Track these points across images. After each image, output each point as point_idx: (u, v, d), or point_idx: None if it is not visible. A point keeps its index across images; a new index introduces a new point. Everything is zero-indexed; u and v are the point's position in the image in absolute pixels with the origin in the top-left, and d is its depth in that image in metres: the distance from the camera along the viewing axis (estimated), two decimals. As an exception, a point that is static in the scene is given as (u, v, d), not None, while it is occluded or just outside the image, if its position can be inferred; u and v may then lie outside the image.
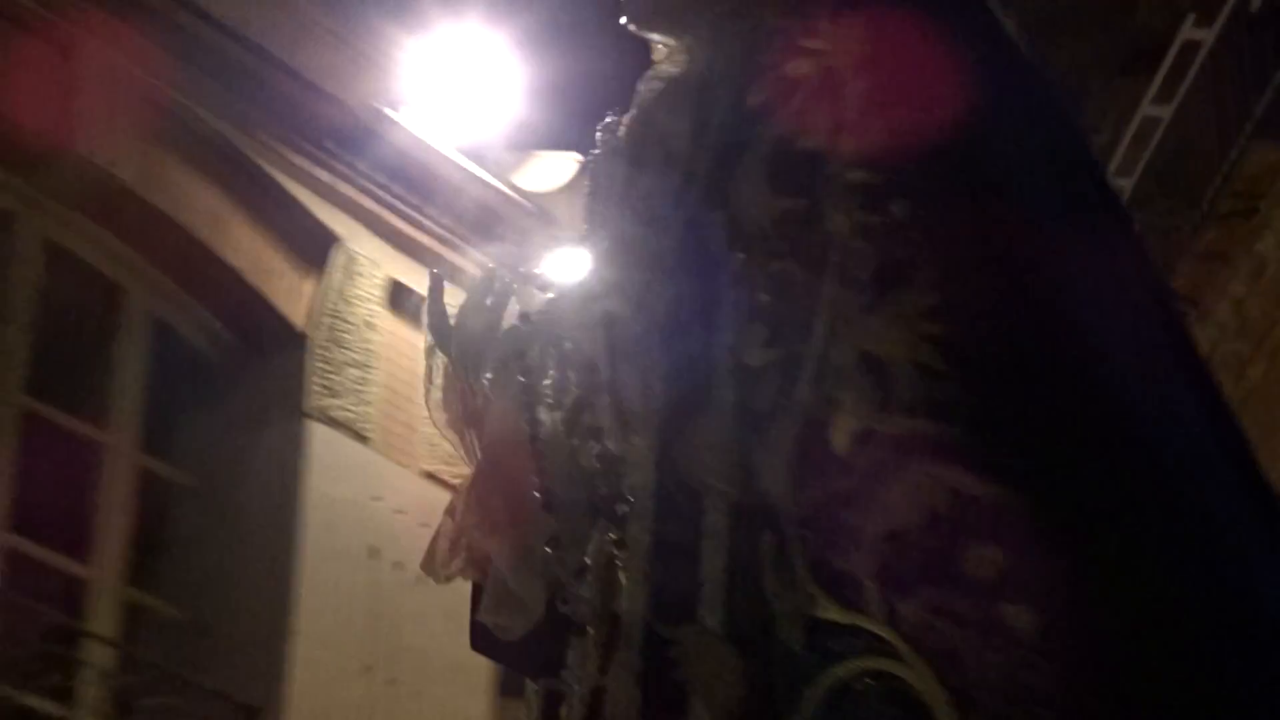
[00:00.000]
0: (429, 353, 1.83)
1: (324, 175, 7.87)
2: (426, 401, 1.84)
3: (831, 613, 1.27)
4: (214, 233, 7.11)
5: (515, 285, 1.82)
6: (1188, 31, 9.79)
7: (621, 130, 1.75)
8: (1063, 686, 1.21)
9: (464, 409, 1.77)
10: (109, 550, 6.40)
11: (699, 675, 1.40)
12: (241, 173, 7.31)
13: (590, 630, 1.49)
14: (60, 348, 6.59)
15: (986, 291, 1.40)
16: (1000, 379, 1.35)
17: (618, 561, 1.50)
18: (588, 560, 1.54)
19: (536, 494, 1.68)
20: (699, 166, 1.61)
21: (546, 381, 1.69)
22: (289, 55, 7.12)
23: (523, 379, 1.73)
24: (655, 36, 1.78)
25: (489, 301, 1.80)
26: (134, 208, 6.59)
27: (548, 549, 1.65)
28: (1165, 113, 10.20)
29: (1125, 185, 10.61)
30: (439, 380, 1.80)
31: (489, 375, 1.79)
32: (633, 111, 1.75)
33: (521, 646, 1.64)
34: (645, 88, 1.77)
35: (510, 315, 1.78)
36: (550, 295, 1.80)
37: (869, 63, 1.51)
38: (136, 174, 6.38)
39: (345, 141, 7.67)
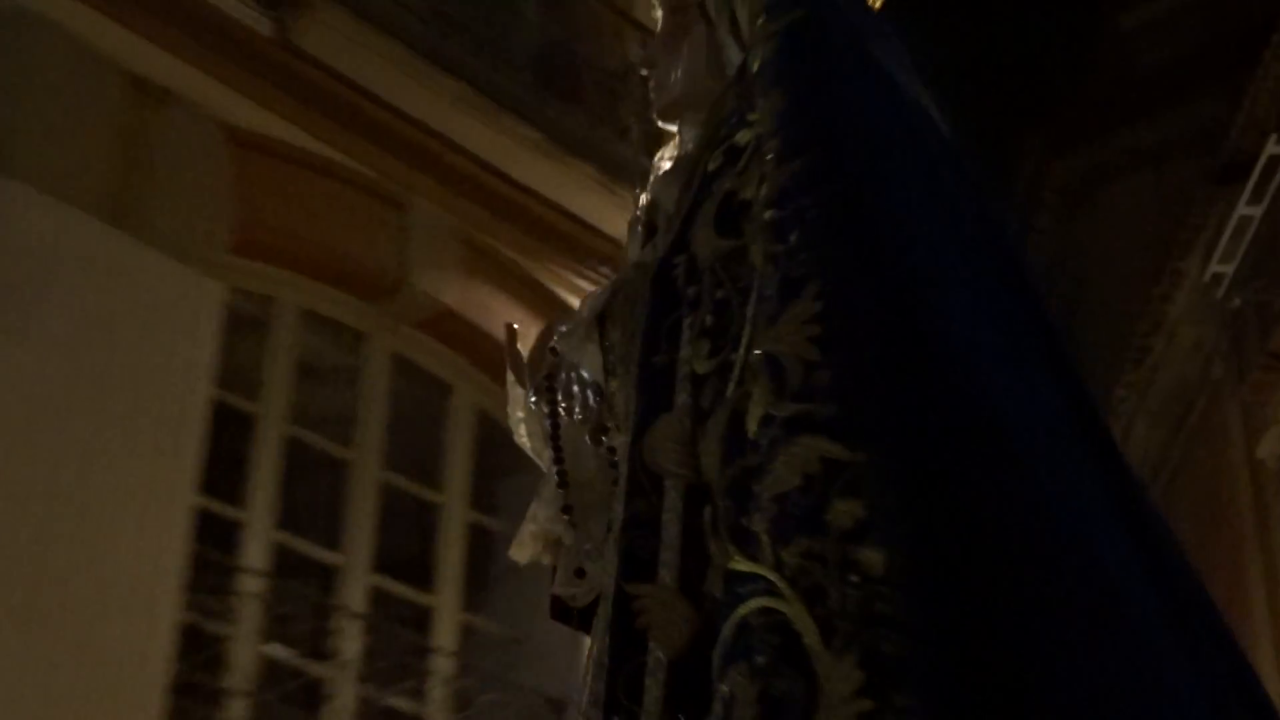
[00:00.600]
0: (510, 386, 2.11)
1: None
2: (512, 426, 2.13)
3: (740, 564, 1.41)
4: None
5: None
6: (1271, 148, 10.58)
7: (640, 205, 2.09)
8: (906, 613, 1.36)
9: (540, 430, 2.05)
10: (449, 583, 7.53)
11: (657, 622, 1.58)
12: (537, 293, 8.09)
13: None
14: (405, 434, 7.61)
15: (857, 300, 1.59)
16: (864, 368, 1.53)
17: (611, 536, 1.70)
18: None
19: (555, 474, 1.99)
20: (676, 222, 1.89)
21: (574, 395, 2.04)
22: (569, 202, 8.08)
23: (548, 395, 2.04)
24: (668, 127, 2.11)
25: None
26: (457, 324, 7.67)
27: (564, 518, 1.97)
28: (1257, 212, 10.85)
29: (1228, 270, 11.24)
30: (519, 412, 2.11)
31: (532, 397, 2.06)
32: (648, 189, 2.09)
33: (587, 613, 1.86)
34: (655, 170, 2.11)
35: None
36: (565, 328, 2.07)
37: (782, 127, 1.77)
38: (458, 298, 7.43)
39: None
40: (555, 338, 2.10)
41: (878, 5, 2.37)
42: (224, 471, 7.38)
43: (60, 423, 6.66)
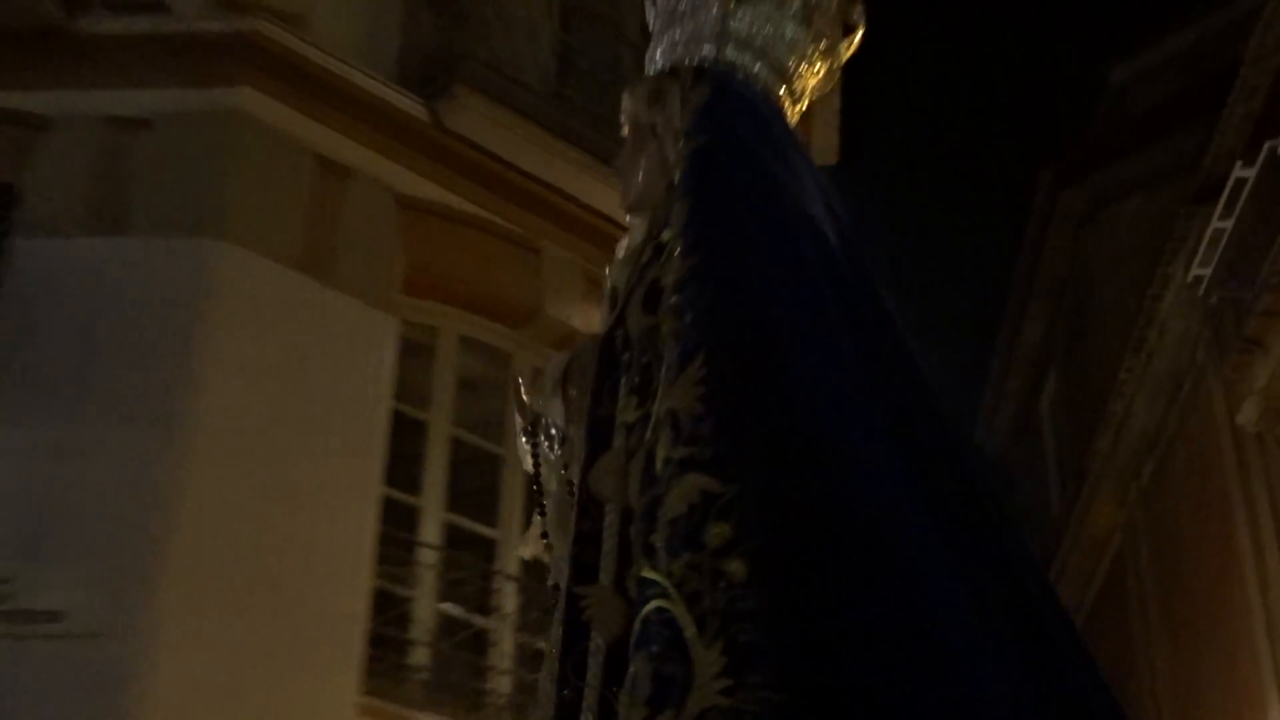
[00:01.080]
0: (518, 428, 2.21)
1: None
2: (521, 457, 2.21)
3: (647, 572, 1.49)
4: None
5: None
6: (1237, 172, 10.88)
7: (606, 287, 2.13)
8: (760, 610, 1.46)
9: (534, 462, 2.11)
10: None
11: (598, 616, 1.68)
12: None
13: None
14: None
15: (732, 366, 1.69)
16: (736, 419, 1.63)
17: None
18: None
19: (540, 502, 2.08)
20: (620, 301, 1.99)
21: (553, 436, 2.11)
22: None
23: (532, 439, 2.14)
24: (633, 219, 2.18)
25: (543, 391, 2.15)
26: (583, 343, 8.28)
27: (543, 542, 2.06)
28: (1228, 224, 11.10)
29: (1206, 272, 11.54)
30: (522, 443, 2.19)
31: (521, 438, 2.15)
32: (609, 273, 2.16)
33: None
34: (615, 256, 2.16)
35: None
36: (539, 382, 2.15)
37: (684, 230, 1.89)
38: (582, 322, 7.84)
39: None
40: (531, 394, 2.17)
41: (835, 159, 2.42)
42: (403, 467, 7.71)
43: (273, 433, 7.05)
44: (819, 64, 2.44)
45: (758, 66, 2.31)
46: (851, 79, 9.16)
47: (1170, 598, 13.53)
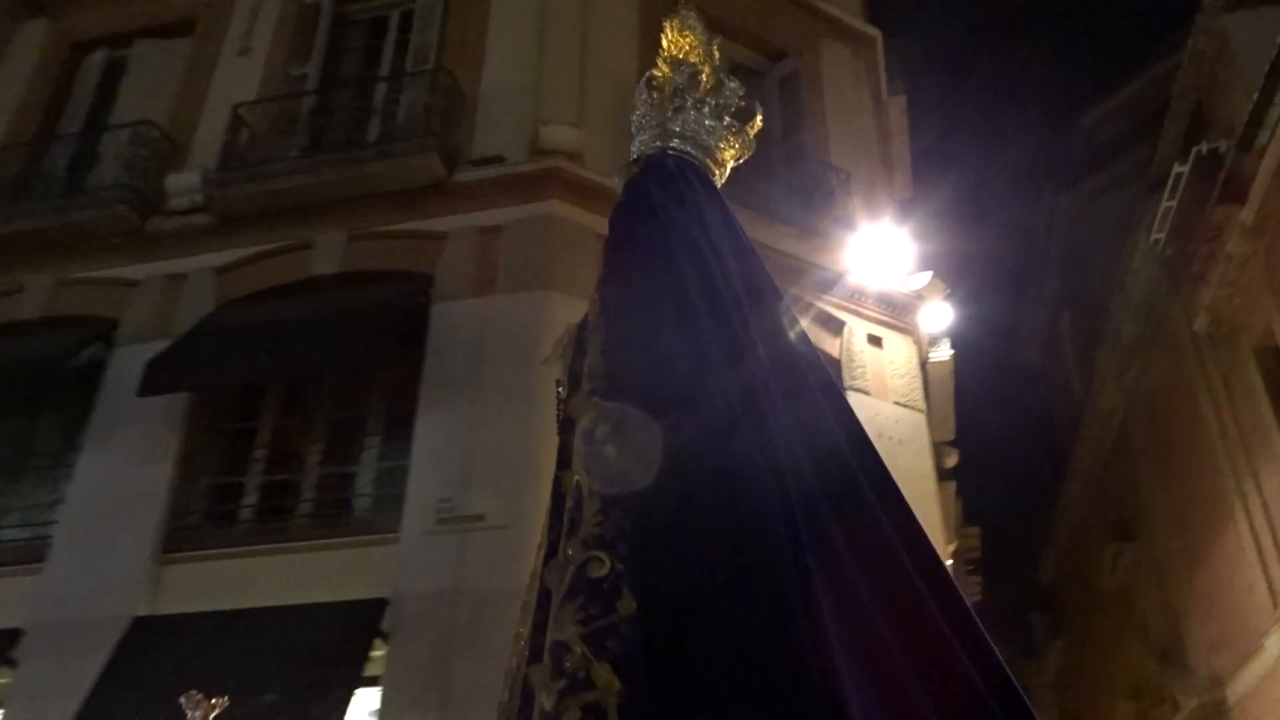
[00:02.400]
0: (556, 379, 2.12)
1: (830, 300, 9.75)
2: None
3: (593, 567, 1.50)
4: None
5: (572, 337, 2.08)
6: (1176, 169, 11.33)
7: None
8: (645, 635, 1.39)
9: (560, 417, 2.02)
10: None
11: (551, 581, 1.58)
12: (807, 304, 9.30)
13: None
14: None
15: (635, 399, 1.66)
16: (629, 439, 1.62)
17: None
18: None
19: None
20: (574, 362, 2.00)
21: None
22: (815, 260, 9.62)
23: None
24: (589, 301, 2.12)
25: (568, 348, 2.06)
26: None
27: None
28: (1173, 204, 11.56)
29: (1161, 236, 11.89)
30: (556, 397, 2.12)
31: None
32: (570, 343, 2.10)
33: None
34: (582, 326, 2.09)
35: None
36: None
37: (601, 306, 1.94)
38: None
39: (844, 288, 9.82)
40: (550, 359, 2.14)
41: (720, 180, 2.40)
42: None
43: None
44: (733, 141, 2.44)
45: (691, 149, 2.35)
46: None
47: (1160, 449, 14.21)
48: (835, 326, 9.43)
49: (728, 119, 2.39)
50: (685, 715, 1.38)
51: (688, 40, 2.45)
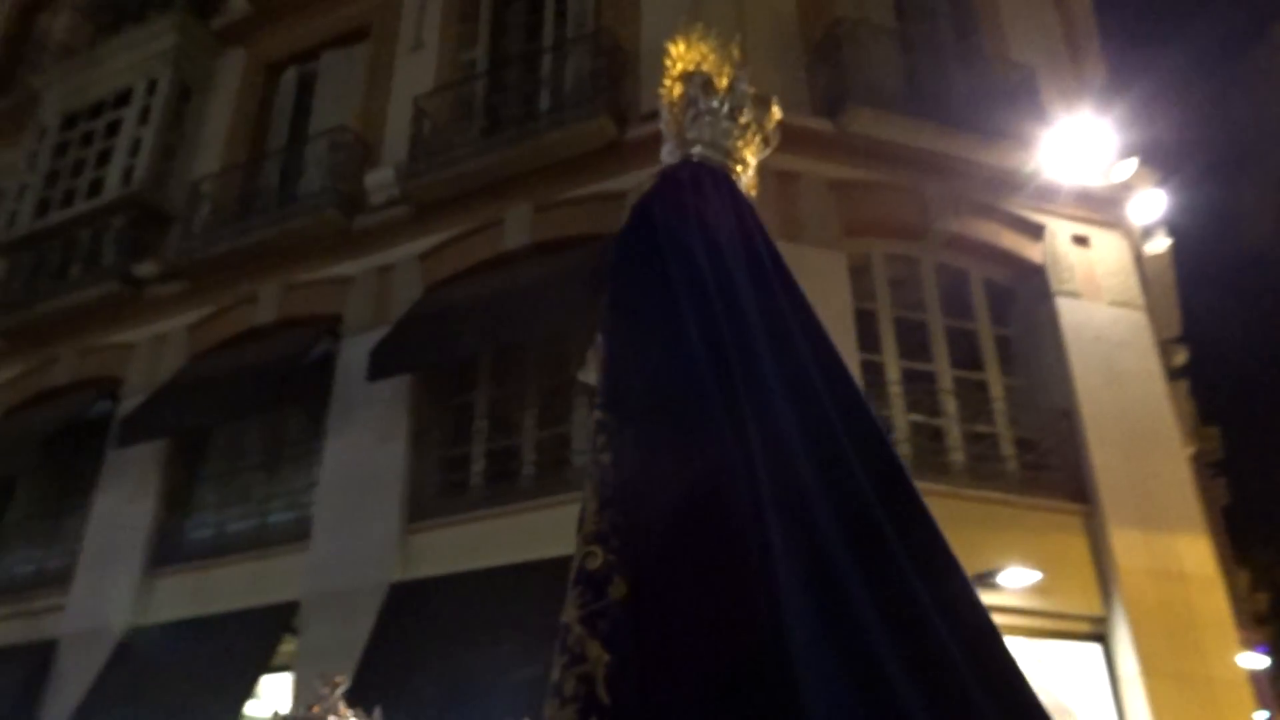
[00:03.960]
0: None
1: (1027, 204, 9.33)
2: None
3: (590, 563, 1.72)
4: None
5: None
6: None
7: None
8: (632, 615, 1.57)
9: None
10: None
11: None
12: (998, 211, 9.17)
13: None
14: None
15: (627, 412, 1.83)
16: (621, 447, 1.80)
17: None
18: None
19: None
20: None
21: None
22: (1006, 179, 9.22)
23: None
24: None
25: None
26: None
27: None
28: None
29: None
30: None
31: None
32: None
33: None
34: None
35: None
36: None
37: (602, 327, 2.05)
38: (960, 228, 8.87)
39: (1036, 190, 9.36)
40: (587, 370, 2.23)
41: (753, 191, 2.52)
42: (868, 343, 8.58)
43: None
44: (753, 137, 2.55)
45: (710, 153, 2.46)
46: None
47: None
48: (1035, 231, 9.18)
49: (744, 117, 2.46)
50: (665, 681, 1.52)
51: (698, 51, 2.56)
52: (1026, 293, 9.09)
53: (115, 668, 9.35)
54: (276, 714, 5.06)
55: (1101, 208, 9.36)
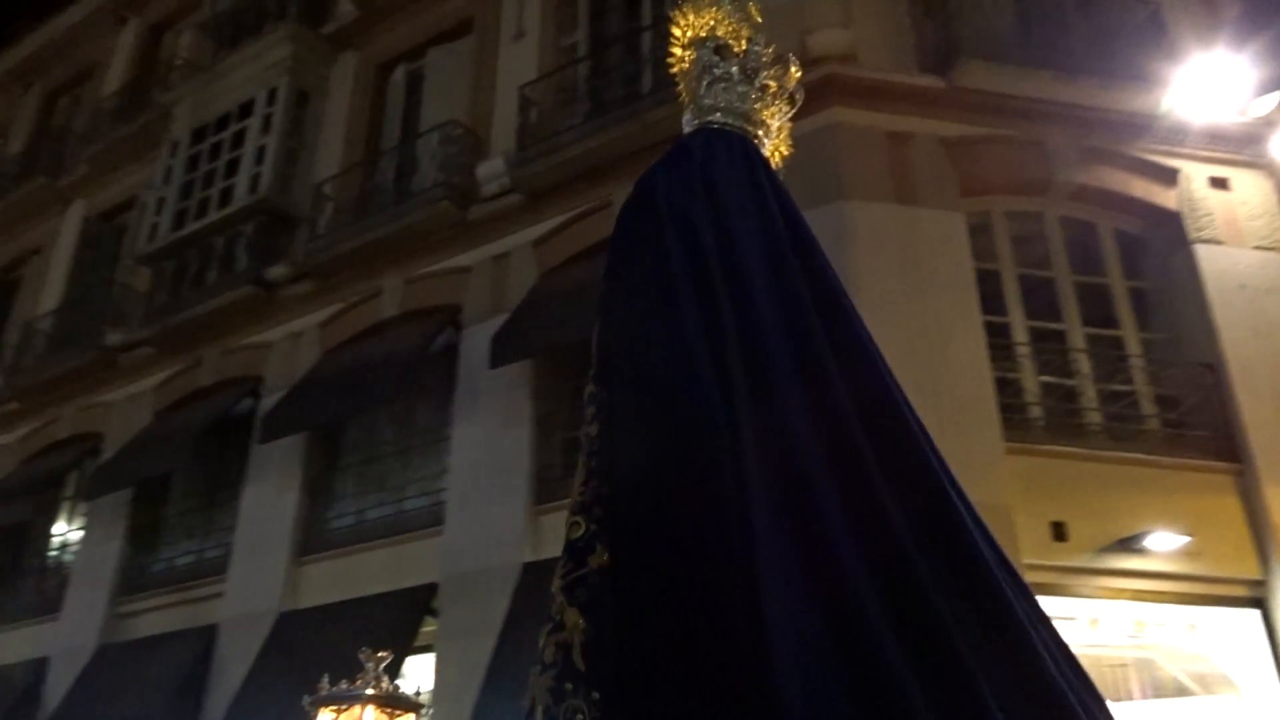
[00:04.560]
0: None
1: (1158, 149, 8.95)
2: None
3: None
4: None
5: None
6: None
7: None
8: (611, 583, 1.60)
9: None
10: None
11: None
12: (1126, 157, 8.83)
13: None
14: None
15: (616, 384, 1.87)
16: (609, 419, 1.85)
17: None
18: None
19: None
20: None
21: None
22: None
23: None
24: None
25: None
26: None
27: None
28: None
29: None
30: None
31: None
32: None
33: None
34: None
35: None
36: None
37: (600, 300, 2.06)
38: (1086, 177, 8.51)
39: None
40: None
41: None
42: (992, 301, 8.35)
43: (909, 291, 7.89)
44: (774, 101, 2.50)
45: (729, 119, 2.41)
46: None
47: None
48: (1168, 176, 8.73)
49: (760, 79, 2.38)
50: (641, 650, 1.52)
51: (708, 17, 2.48)
52: (1161, 242, 8.72)
53: (271, 649, 9.83)
54: (316, 688, 5.20)
55: (1240, 147, 8.83)
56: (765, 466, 1.68)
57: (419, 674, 8.87)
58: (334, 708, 5.08)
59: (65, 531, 13.36)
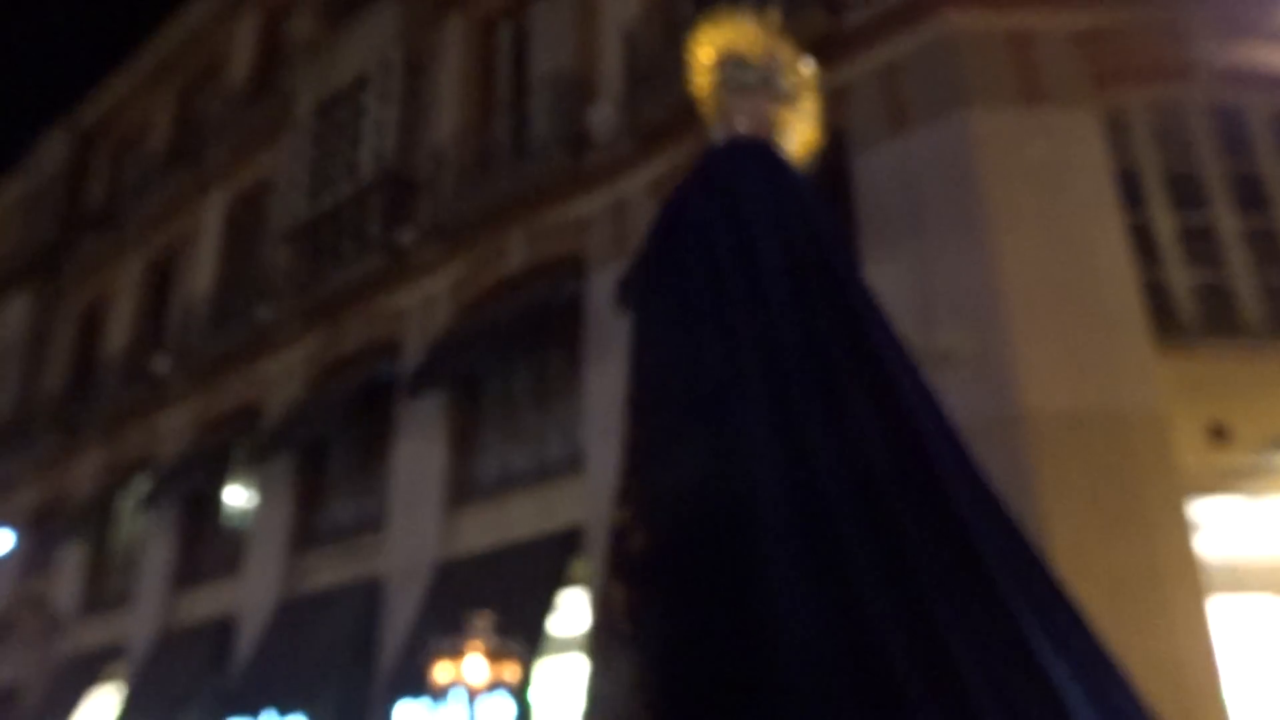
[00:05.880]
0: None
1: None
2: None
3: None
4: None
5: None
6: None
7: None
8: (653, 561, 1.79)
9: None
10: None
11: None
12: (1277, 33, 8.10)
13: None
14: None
15: (648, 388, 2.04)
16: (643, 420, 2.03)
17: None
18: None
19: None
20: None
21: None
22: None
23: None
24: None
25: None
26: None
27: None
28: None
29: None
30: None
31: None
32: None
33: None
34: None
35: None
36: None
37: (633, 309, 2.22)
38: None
39: None
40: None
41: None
42: (1131, 200, 7.96)
43: (1044, 207, 7.60)
44: (796, 100, 2.53)
45: (754, 126, 2.45)
46: None
47: None
48: None
49: (780, 83, 2.42)
50: (676, 614, 1.71)
51: (721, 36, 2.54)
52: (1320, 120, 8.23)
53: (434, 595, 10.34)
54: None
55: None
56: (779, 475, 1.83)
57: (573, 609, 9.32)
58: (449, 658, 5.64)
59: (238, 498, 14.23)
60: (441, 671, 7.22)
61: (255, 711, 10.98)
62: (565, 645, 9.44)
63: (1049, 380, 6.98)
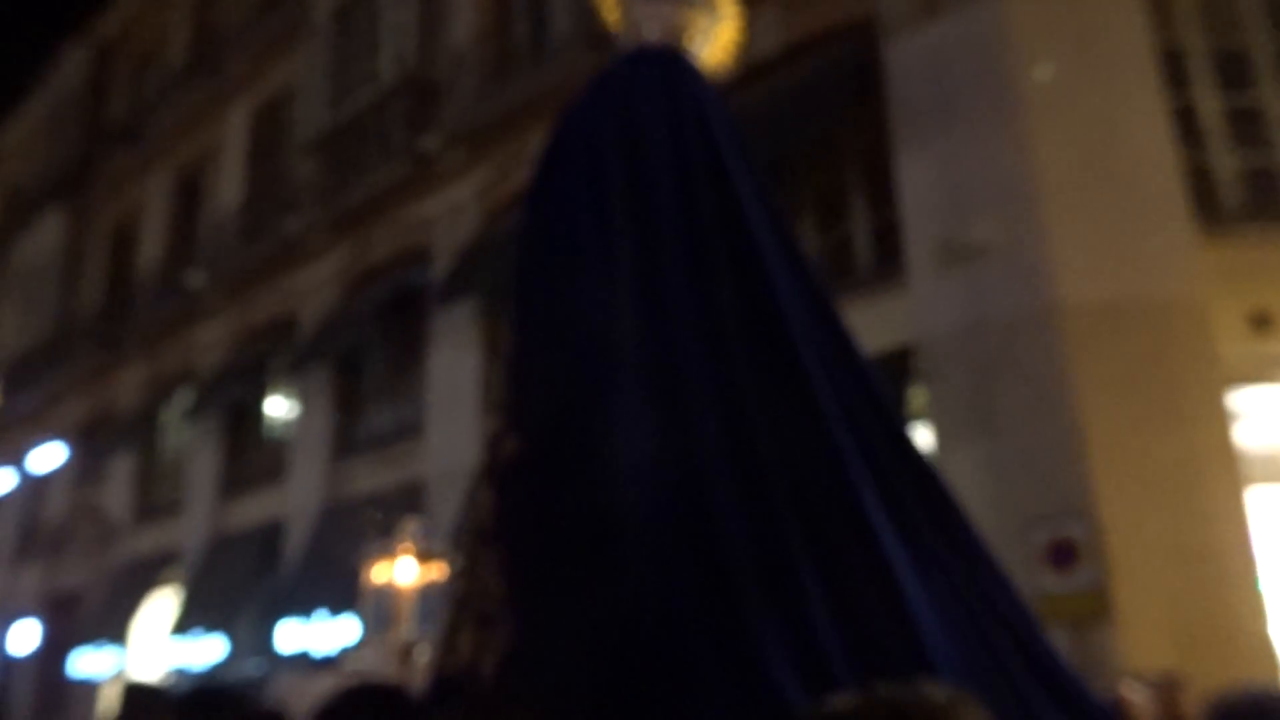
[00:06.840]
0: None
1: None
2: None
3: None
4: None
5: None
6: None
7: None
8: (520, 463, 1.90)
9: None
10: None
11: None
12: None
13: None
14: None
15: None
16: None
17: None
18: None
19: None
20: None
21: None
22: None
23: None
24: None
25: None
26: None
27: None
28: None
29: None
30: None
31: None
32: None
33: None
34: None
35: None
36: None
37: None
38: None
39: None
40: None
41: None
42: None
43: (1091, 108, 7.27)
44: (709, 6, 2.45)
45: (660, 35, 2.39)
46: None
47: None
48: None
49: None
50: (534, 507, 1.79)
51: None
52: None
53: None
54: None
55: None
56: (641, 374, 1.86)
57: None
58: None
59: (279, 408, 14.47)
60: (379, 573, 7.53)
61: (307, 612, 11.30)
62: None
63: (1085, 270, 6.82)
